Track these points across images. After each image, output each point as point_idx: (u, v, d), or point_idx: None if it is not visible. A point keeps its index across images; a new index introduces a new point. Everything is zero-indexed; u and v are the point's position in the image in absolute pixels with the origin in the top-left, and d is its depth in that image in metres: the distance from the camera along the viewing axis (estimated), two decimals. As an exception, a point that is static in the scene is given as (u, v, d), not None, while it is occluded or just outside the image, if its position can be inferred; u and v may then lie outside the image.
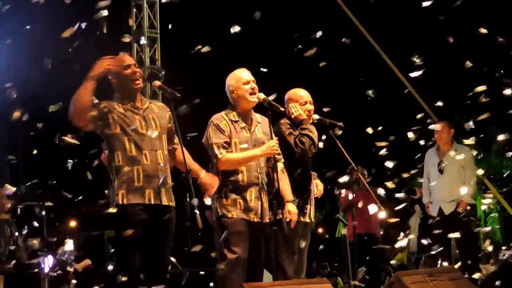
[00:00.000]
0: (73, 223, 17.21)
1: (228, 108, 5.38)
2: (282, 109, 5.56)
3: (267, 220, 5.24)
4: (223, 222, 5.14)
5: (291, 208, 5.31)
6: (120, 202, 4.68)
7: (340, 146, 6.02)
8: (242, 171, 5.19)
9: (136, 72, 4.87)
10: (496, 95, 7.30)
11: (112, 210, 4.69)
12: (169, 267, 5.11)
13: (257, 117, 5.42)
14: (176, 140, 4.98)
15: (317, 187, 5.98)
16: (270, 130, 5.29)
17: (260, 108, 5.41)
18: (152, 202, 4.74)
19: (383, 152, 6.69)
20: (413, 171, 7.18)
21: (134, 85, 4.87)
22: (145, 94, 9.85)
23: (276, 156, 5.25)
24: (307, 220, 5.75)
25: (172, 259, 9.10)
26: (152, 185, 4.75)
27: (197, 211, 4.56)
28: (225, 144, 5.18)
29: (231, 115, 5.31)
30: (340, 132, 6.04)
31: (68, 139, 5.43)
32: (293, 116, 5.81)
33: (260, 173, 5.26)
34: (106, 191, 4.86)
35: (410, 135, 6.86)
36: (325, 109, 6.21)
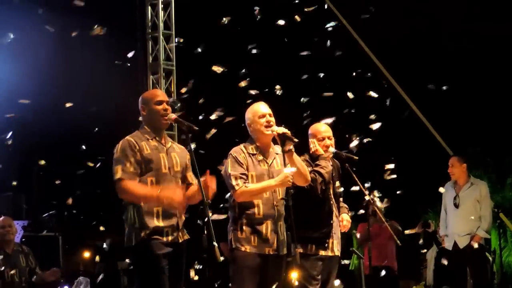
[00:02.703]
0: (87, 254, 17.17)
1: (248, 141, 5.39)
2: (295, 140, 5.35)
3: (285, 252, 5.23)
4: (236, 256, 5.17)
5: None
6: (142, 236, 4.76)
7: (357, 179, 6.03)
8: (258, 204, 5.18)
9: (167, 109, 4.95)
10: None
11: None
12: None
13: (275, 149, 5.40)
14: (190, 178, 5.04)
15: (342, 222, 5.98)
16: (284, 163, 5.21)
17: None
18: (170, 239, 4.82)
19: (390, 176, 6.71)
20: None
21: (163, 121, 4.96)
22: (173, 129, 10.23)
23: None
24: (329, 253, 5.78)
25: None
26: (171, 224, 4.84)
27: (215, 243, 4.57)
28: (242, 176, 5.17)
29: (250, 148, 5.32)
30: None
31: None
32: (311, 152, 5.90)
33: (277, 206, 5.24)
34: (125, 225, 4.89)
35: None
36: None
